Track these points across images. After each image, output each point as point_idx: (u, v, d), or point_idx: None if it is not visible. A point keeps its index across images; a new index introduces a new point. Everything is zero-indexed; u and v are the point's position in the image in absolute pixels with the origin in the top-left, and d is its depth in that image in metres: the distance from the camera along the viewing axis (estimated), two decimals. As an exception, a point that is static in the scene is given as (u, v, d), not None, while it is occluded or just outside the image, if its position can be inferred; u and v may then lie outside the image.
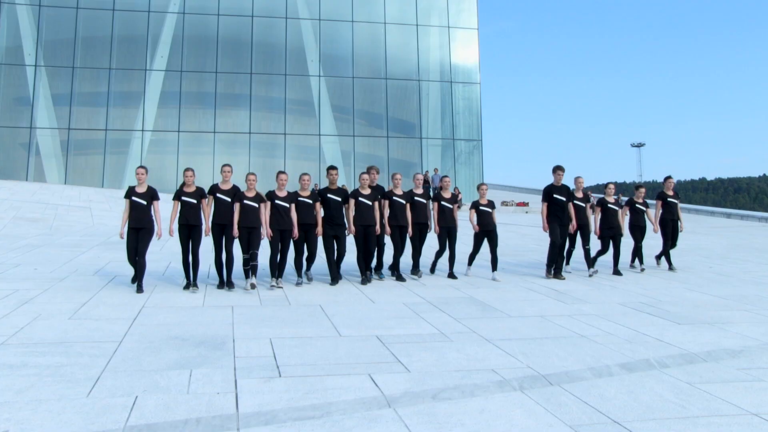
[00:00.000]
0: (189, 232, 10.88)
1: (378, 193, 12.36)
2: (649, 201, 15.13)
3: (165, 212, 11.38)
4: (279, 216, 11.31)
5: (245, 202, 11.07)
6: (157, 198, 10.90)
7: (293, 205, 11.47)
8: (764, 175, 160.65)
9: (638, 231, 14.40)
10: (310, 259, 12.13)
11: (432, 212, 12.97)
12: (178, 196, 11.00)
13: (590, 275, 13.27)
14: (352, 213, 12.06)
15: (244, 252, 11.07)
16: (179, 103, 40.96)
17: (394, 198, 12.47)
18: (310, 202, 11.73)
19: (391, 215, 12.41)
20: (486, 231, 12.86)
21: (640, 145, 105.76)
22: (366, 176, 12.24)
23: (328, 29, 43.22)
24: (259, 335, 7.93)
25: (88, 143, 39.77)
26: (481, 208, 13.03)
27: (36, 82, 39.68)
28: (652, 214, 14.78)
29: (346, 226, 12.17)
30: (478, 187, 13.46)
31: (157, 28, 41.32)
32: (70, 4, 40.46)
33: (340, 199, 12.00)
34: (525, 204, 37.73)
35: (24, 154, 39.48)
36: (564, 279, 12.78)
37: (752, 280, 12.40)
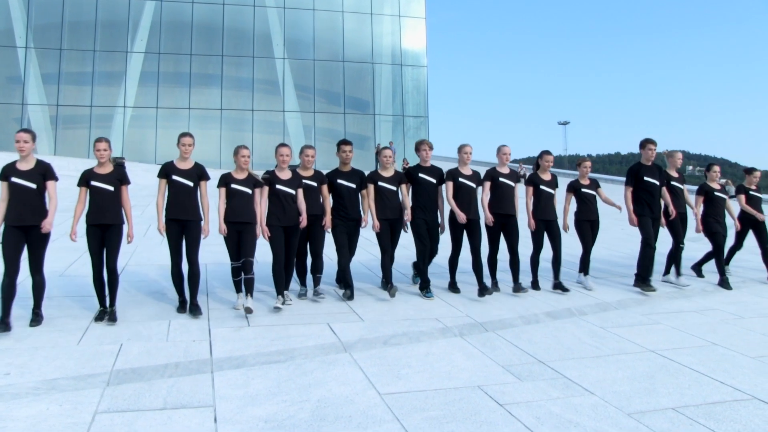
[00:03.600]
0: (101, 235, 6.56)
1: (435, 175, 8.15)
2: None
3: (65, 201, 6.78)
4: (282, 206, 7.26)
5: (234, 186, 7.03)
6: (52, 178, 6.43)
7: (300, 191, 7.43)
8: (666, 150, 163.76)
9: (759, 228, 9.62)
10: (316, 266, 7.86)
11: (526, 199, 8.68)
12: (85, 181, 6.61)
13: (681, 285, 9.00)
14: (370, 202, 8.00)
15: (232, 259, 7.15)
16: (157, 82, 40.15)
17: (461, 180, 8.11)
18: (315, 184, 7.73)
19: (459, 202, 8.02)
20: (589, 221, 8.82)
21: (565, 123, 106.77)
22: (389, 151, 8.25)
23: (291, 16, 42.62)
24: (231, 290, 7.89)
25: (75, 118, 38.86)
26: (583, 191, 8.86)
27: (26, 63, 38.55)
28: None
29: (362, 220, 8.13)
30: (579, 164, 9.08)
31: (137, 14, 40.33)
32: (57, -9, 39.33)
33: (354, 185, 7.94)
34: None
35: (16, 128, 37.98)
36: (655, 290, 8.42)
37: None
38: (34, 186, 6.28)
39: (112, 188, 6.61)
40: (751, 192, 9.79)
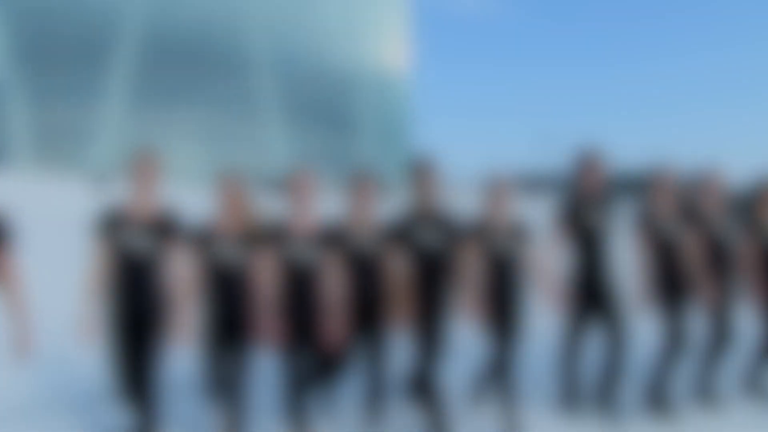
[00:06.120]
0: None
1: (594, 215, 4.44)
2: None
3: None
4: (298, 289, 3.74)
5: (214, 252, 3.71)
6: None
7: (335, 260, 3.88)
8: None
9: None
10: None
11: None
12: None
13: None
14: (473, 285, 4.07)
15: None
16: (139, 100, 40.08)
17: (660, 224, 4.63)
18: (377, 250, 3.97)
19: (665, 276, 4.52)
20: None
21: (545, 138, 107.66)
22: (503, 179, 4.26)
23: (275, 35, 42.66)
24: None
25: (54, 135, 38.54)
26: None
27: (3, 78, 38.29)
28: None
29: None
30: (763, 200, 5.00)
31: (119, 32, 40.07)
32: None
33: (438, 244, 4.01)
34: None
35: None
36: None
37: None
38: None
39: None
40: None
